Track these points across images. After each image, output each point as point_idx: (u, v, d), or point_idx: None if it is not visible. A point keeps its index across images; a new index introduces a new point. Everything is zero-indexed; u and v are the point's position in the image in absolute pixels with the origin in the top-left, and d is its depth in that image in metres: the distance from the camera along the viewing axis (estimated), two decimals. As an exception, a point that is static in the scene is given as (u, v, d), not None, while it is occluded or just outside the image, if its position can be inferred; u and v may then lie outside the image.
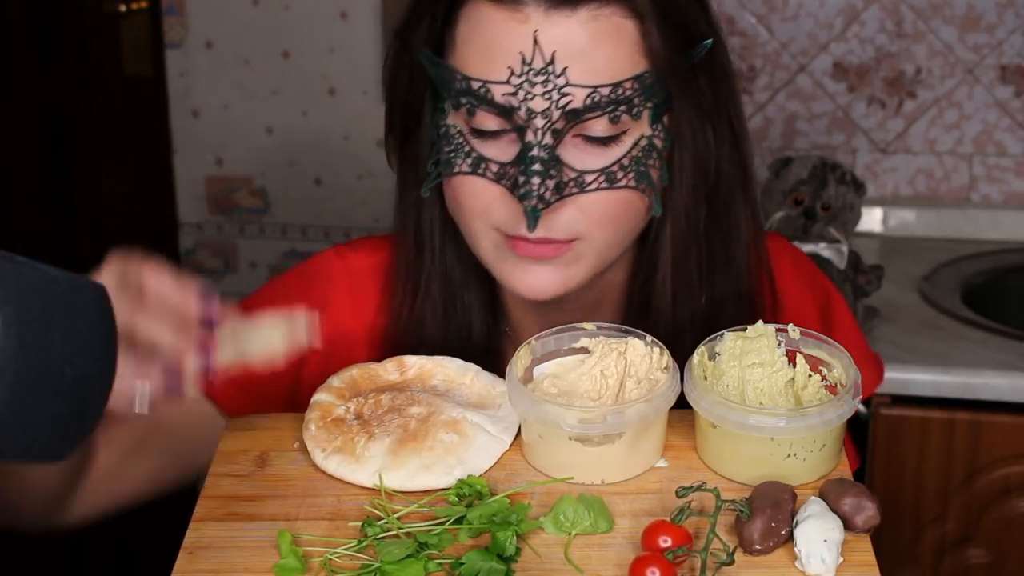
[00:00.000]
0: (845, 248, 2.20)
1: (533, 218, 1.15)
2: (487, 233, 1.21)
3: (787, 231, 2.19)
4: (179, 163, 2.73)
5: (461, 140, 1.19)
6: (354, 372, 1.19)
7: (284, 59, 2.63)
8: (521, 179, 1.15)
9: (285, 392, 1.30)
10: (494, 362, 1.24)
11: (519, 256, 1.20)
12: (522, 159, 1.15)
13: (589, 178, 1.17)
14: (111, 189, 2.69)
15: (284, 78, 2.64)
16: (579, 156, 1.17)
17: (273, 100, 2.66)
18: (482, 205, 1.20)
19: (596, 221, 1.19)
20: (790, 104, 2.58)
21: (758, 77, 2.58)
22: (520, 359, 1.14)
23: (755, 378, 1.13)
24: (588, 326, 1.17)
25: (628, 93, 1.16)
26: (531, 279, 1.21)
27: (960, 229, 2.55)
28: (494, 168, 1.18)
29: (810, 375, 1.14)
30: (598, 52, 1.15)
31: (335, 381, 1.18)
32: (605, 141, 1.17)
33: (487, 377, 1.19)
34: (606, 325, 1.17)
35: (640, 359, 1.13)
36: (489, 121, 1.17)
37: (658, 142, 1.19)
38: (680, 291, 1.26)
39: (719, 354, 1.14)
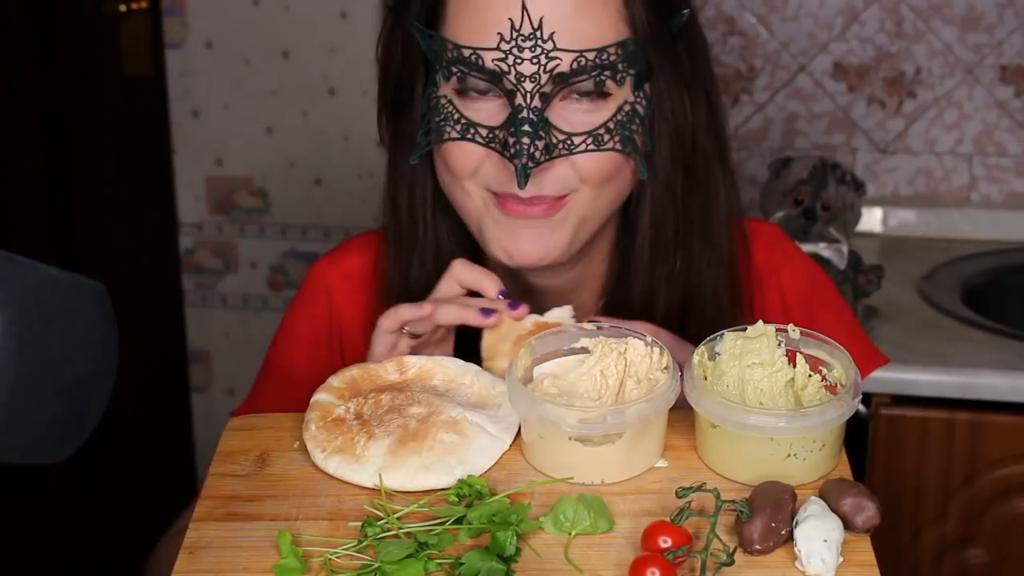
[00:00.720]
0: (845, 248, 2.20)
1: (524, 175, 1.19)
2: (477, 192, 1.25)
3: (787, 231, 2.18)
4: (179, 163, 2.73)
5: (451, 109, 1.23)
6: (354, 372, 1.19)
7: (284, 59, 2.63)
8: (511, 140, 1.19)
9: None
10: (475, 343, 1.24)
11: (508, 217, 1.24)
12: (512, 121, 1.20)
13: (577, 140, 1.22)
14: (111, 189, 2.68)
15: (284, 78, 2.64)
16: (567, 120, 1.22)
17: (273, 100, 2.66)
18: (472, 166, 1.24)
19: (586, 178, 1.23)
20: (790, 104, 2.58)
21: (758, 77, 2.57)
22: (520, 359, 1.13)
23: (755, 378, 1.13)
24: (588, 326, 1.17)
25: (612, 59, 1.20)
26: (515, 245, 1.25)
27: (960, 229, 2.55)
28: (483, 132, 1.22)
29: (810, 375, 1.14)
30: (584, 18, 1.19)
31: (335, 381, 1.18)
32: (591, 104, 1.21)
33: (487, 377, 1.19)
34: (606, 325, 1.17)
35: (640, 359, 1.13)
36: (479, 87, 1.22)
37: (640, 109, 1.24)
38: (657, 253, 1.30)
39: (719, 354, 1.14)
